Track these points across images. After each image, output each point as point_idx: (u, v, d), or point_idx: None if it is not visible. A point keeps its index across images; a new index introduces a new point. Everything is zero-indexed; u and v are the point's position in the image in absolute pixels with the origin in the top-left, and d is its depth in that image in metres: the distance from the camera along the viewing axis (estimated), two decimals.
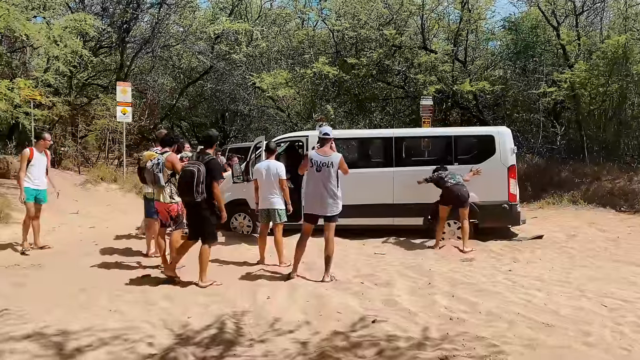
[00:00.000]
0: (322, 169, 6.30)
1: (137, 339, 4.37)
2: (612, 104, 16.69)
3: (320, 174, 6.30)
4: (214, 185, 6.20)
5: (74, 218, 10.98)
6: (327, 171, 6.29)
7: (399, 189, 9.37)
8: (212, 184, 6.17)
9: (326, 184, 6.29)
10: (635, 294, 5.78)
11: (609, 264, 7.37)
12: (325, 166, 6.30)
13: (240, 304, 5.44)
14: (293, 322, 4.82)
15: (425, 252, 8.39)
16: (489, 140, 9.33)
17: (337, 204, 6.38)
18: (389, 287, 6.16)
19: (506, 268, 7.12)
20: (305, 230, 6.55)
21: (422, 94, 15.39)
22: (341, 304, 5.37)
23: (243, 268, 7.19)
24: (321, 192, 6.30)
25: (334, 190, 6.31)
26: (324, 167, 6.30)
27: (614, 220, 11.20)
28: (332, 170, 6.30)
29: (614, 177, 13.62)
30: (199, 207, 6.18)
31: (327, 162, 6.31)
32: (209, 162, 6.24)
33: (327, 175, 6.29)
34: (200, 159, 6.36)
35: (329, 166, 6.30)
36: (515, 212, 9.14)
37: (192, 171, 6.04)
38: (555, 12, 17.04)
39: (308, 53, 18.17)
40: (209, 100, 22.66)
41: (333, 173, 6.31)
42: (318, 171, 6.31)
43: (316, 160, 6.35)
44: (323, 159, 6.33)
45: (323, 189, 6.29)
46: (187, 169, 6.15)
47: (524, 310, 5.15)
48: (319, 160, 6.33)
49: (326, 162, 6.32)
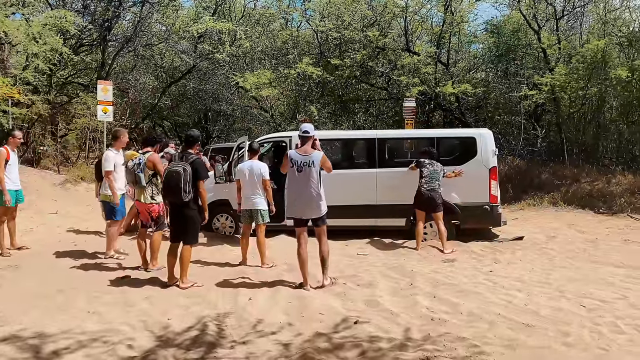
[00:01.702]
0: (303, 169, 6.04)
1: (116, 341, 4.31)
2: (592, 108, 16.98)
3: (302, 174, 6.04)
4: (200, 184, 6.15)
5: (53, 218, 10.81)
6: (308, 171, 6.02)
7: (381, 190, 9.40)
8: (198, 183, 6.12)
9: (308, 184, 6.02)
10: (612, 294, 5.87)
11: (588, 265, 7.48)
12: (306, 166, 6.04)
13: (222, 305, 5.39)
14: (275, 324, 4.79)
15: (408, 253, 8.42)
16: (470, 142, 9.41)
17: (322, 205, 6.13)
18: (372, 288, 6.17)
19: (487, 269, 7.18)
20: (299, 237, 6.20)
21: (405, 96, 15.45)
22: (323, 305, 5.36)
23: (225, 269, 7.13)
24: (304, 194, 6.06)
25: (317, 191, 6.05)
26: (305, 166, 6.03)
27: (592, 221, 11.38)
28: (313, 170, 6.03)
29: (592, 179, 13.85)
30: (186, 208, 6.10)
31: (308, 161, 6.02)
32: (194, 161, 6.16)
33: (308, 175, 6.02)
34: (184, 158, 6.25)
35: (310, 165, 6.03)
36: (497, 214, 9.23)
37: (178, 172, 5.94)
38: (537, 16, 17.26)
39: (292, 53, 18.13)
40: (191, 100, 22.47)
41: (314, 173, 6.04)
42: (299, 171, 6.05)
43: (296, 160, 6.09)
44: (303, 158, 6.07)
45: (305, 190, 6.04)
46: (173, 169, 6.03)
47: (504, 310, 5.19)
48: (300, 160, 6.07)
49: (307, 161, 6.02)
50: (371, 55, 16.94)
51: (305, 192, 6.04)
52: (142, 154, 6.80)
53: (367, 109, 19.23)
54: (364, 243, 9.18)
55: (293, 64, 17.08)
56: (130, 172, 6.72)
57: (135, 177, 6.71)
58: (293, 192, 6.17)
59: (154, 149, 6.99)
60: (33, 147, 16.52)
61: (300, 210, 6.15)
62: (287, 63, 17.91)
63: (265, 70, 17.04)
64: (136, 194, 6.87)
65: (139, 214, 6.99)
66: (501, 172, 15.10)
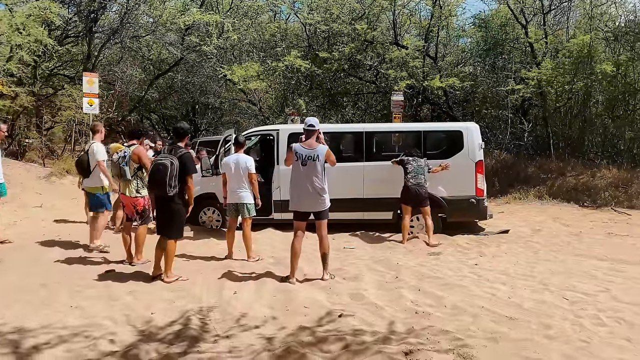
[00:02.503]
0: (308, 162, 5.98)
1: (98, 335, 4.26)
2: (578, 102, 17.12)
3: (306, 168, 5.98)
4: (188, 179, 6.06)
5: (38, 212, 10.68)
6: (313, 165, 5.97)
7: (369, 184, 9.42)
8: (186, 178, 6.04)
9: (312, 178, 5.97)
10: (595, 287, 5.93)
11: (572, 258, 7.54)
12: (310, 159, 5.97)
13: (206, 299, 5.36)
14: (259, 318, 4.77)
15: (394, 246, 8.44)
16: (457, 135, 9.45)
17: (325, 199, 6.10)
18: (357, 281, 6.18)
19: (472, 262, 7.22)
20: (297, 230, 6.15)
21: (393, 90, 15.46)
22: (308, 298, 5.35)
23: (210, 263, 7.09)
24: (307, 187, 6.00)
25: (321, 185, 6.02)
26: (310, 160, 5.97)
27: (577, 215, 11.49)
28: (318, 163, 5.98)
29: (578, 173, 13.99)
30: (171, 202, 6.01)
31: (313, 155, 5.96)
32: (182, 155, 6.04)
33: (313, 169, 5.97)
34: (172, 152, 6.14)
35: (314, 159, 5.97)
36: (483, 207, 9.28)
37: (165, 165, 5.86)
38: (524, 11, 17.31)
39: (280, 46, 18.04)
40: (179, 93, 22.29)
41: (319, 167, 5.99)
42: (303, 165, 5.99)
43: (301, 153, 6.02)
44: (308, 152, 6.00)
45: (309, 184, 5.98)
46: (160, 162, 5.94)
47: (488, 303, 5.22)
48: (304, 153, 6.01)
49: (312, 155, 5.96)
50: (359, 49, 16.90)
51: (309, 185, 6.00)
52: (128, 147, 6.74)
53: (356, 102, 19.22)
54: (351, 236, 9.18)
55: (281, 56, 17.00)
56: (116, 165, 6.65)
57: (120, 170, 6.65)
58: (297, 186, 6.11)
59: (139, 141, 6.92)
60: (18, 140, 16.31)
61: (303, 204, 6.10)
62: (275, 56, 17.82)
63: (253, 63, 16.93)
64: (121, 187, 6.80)
65: (124, 207, 6.93)
66: (488, 166, 15.18)
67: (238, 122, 22.25)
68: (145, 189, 6.72)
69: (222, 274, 6.40)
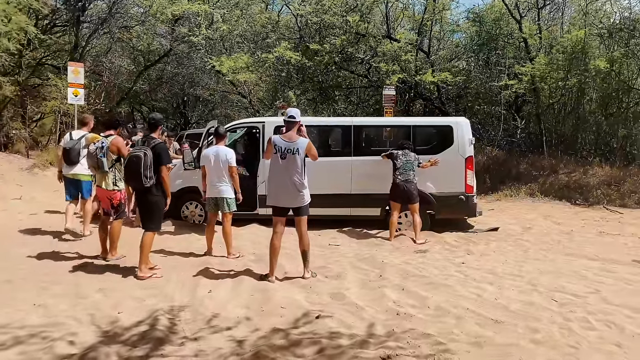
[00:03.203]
0: (287, 155, 5.68)
1: (57, 336, 4.00)
2: (572, 99, 16.93)
3: (285, 161, 5.69)
4: (163, 169, 5.91)
5: (16, 204, 10.37)
6: (293, 158, 5.68)
7: (357, 179, 9.18)
8: (161, 169, 5.89)
9: (291, 172, 5.68)
10: (585, 288, 5.72)
11: (562, 258, 7.34)
12: (290, 152, 5.68)
13: (179, 298, 5.11)
14: (232, 318, 4.52)
15: (381, 243, 8.22)
16: (447, 130, 9.22)
17: (305, 195, 5.81)
18: (340, 279, 5.94)
19: (459, 260, 7.00)
20: (276, 226, 5.86)
21: (385, 84, 15.20)
22: (286, 298, 5.11)
23: (189, 259, 6.83)
24: (286, 182, 5.71)
25: (300, 180, 5.72)
26: (289, 153, 5.68)
27: (568, 213, 11.31)
28: (297, 157, 5.68)
29: (570, 171, 13.81)
30: (148, 193, 5.89)
31: (293, 148, 5.66)
32: (156, 146, 5.93)
33: (292, 162, 5.68)
34: (146, 143, 6.04)
35: (294, 153, 5.65)
36: (472, 204, 9.07)
37: (138, 156, 5.75)
38: (518, 5, 17.08)
39: (271, 38, 17.72)
40: (168, 84, 21.91)
41: (299, 160, 5.69)
42: (283, 158, 5.70)
43: (280, 146, 5.73)
44: (288, 144, 5.71)
45: (288, 178, 5.70)
46: (133, 154, 5.84)
47: (473, 305, 5.00)
48: (284, 146, 5.71)
49: (291, 148, 5.66)
50: (351, 41, 16.61)
51: (288, 180, 5.71)
52: (105, 137, 6.45)
53: (348, 96, 18.95)
54: (337, 233, 8.95)
55: (272, 48, 16.69)
56: (92, 156, 6.36)
57: (97, 161, 6.36)
58: (275, 180, 5.83)
59: (116, 131, 6.64)
60: (6, 131, 15.97)
61: (281, 199, 5.82)
62: (266, 47, 17.51)
63: (242, 54, 16.60)
64: (97, 180, 6.52)
65: (100, 201, 6.67)
66: (479, 163, 15.03)
67: (228, 115, 21.92)
68: (121, 182, 6.47)
69: (199, 272, 6.14)
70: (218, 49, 18.76)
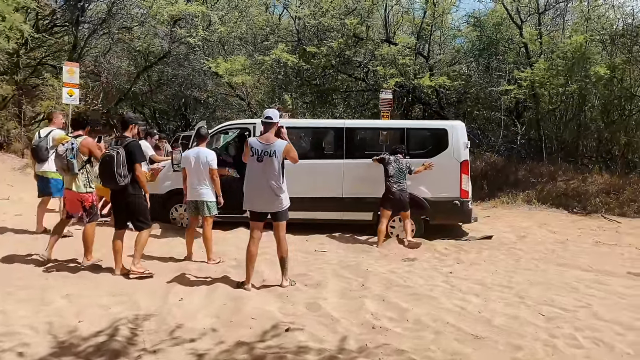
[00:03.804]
0: (264, 158, 5.44)
1: (7, 347, 3.78)
2: (573, 105, 16.66)
3: (262, 164, 5.45)
4: (137, 167, 5.87)
5: (3, 204, 10.18)
6: (270, 161, 5.43)
7: (348, 182, 8.95)
8: (134, 167, 5.86)
9: (268, 176, 5.44)
10: (575, 301, 5.47)
11: (554, 268, 7.08)
12: (267, 155, 5.43)
13: (147, 305, 4.88)
14: (198, 329, 4.30)
15: (370, 250, 7.98)
16: (441, 134, 8.99)
17: (283, 199, 5.57)
18: (319, 288, 5.71)
19: (447, 270, 6.76)
20: (253, 231, 5.65)
21: (382, 88, 14.98)
22: (259, 308, 4.87)
23: (167, 264, 6.61)
24: (262, 186, 5.47)
25: (276, 183, 5.47)
26: (266, 156, 5.43)
27: (565, 221, 11.04)
28: (275, 160, 5.42)
29: (569, 178, 13.52)
30: (125, 193, 5.87)
31: (269, 150, 5.41)
32: (128, 144, 5.89)
33: (269, 165, 5.44)
34: (119, 142, 5.97)
35: (271, 155, 5.40)
36: (467, 209, 8.83)
37: (111, 155, 5.74)
38: (519, 10, 16.84)
39: (269, 40, 17.53)
40: (166, 86, 21.75)
41: (276, 163, 5.44)
42: (259, 161, 5.46)
43: (257, 148, 5.49)
44: (264, 146, 5.46)
45: (264, 182, 5.45)
46: (106, 154, 5.85)
47: (455, 318, 4.75)
48: (260, 148, 5.47)
49: (268, 150, 5.41)
50: (349, 45, 16.39)
51: (265, 183, 5.47)
52: (74, 138, 6.24)
53: (346, 100, 18.73)
54: (326, 238, 8.71)
55: (269, 50, 16.50)
56: (61, 158, 6.13)
57: (67, 163, 6.14)
58: (252, 183, 5.59)
59: (84, 131, 6.43)
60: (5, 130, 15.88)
61: (258, 203, 5.60)
62: (264, 50, 17.32)
63: (239, 57, 16.42)
64: (66, 182, 6.31)
65: (65, 204, 6.46)
66: (477, 168, 14.78)
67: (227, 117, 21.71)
68: (92, 184, 6.29)
69: (174, 277, 5.92)
70: (216, 51, 18.61)
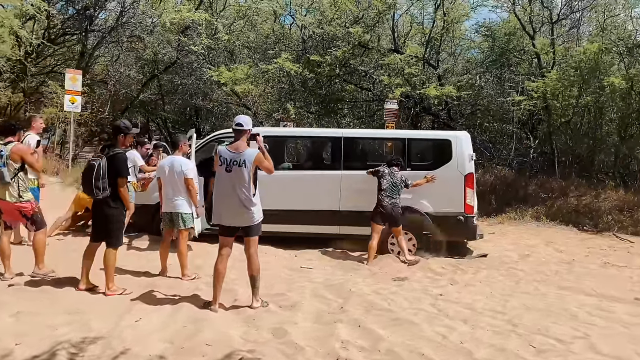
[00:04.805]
0: (233, 168, 5.06)
1: None
2: (589, 118, 16.04)
3: (231, 174, 5.06)
4: (119, 181, 5.49)
5: None
6: (239, 171, 5.04)
7: (346, 195, 8.52)
8: (118, 180, 5.49)
9: (236, 187, 5.04)
10: (573, 331, 4.96)
11: (555, 292, 6.53)
12: (236, 165, 5.04)
13: (99, 326, 4.50)
14: (143, 356, 3.90)
15: (359, 267, 7.53)
16: (445, 145, 8.51)
17: (254, 212, 5.16)
18: (293, 310, 5.29)
19: (438, 291, 6.27)
20: (222, 248, 5.27)
21: (388, 98, 14.57)
22: (218, 333, 4.46)
23: (139, 279, 6.24)
24: (231, 198, 5.09)
25: (246, 195, 5.06)
26: (235, 165, 5.05)
27: (574, 239, 10.43)
28: (244, 170, 5.01)
29: (581, 194, 12.89)
30: (104, 205, 5.53)
31: (239, 160, 5.02)
32: (113, 155, 5.51)
33: (238, 176, 5.04)
34: (104, 151, 5.61)
35: (240, 165, 5.01)
36: (472, 225, 8.31)
37: (91, 166, 5.40)
38: (532, 19, 16.34)
39: (274, 49, 17.25)
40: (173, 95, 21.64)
41: (245, 174, 5.03)
42: (228, 171, 5.07)
43: (225, 157, 5.11)
44: (233, 155, 5.05)
45: (233, 194, 5.06)
46: (90, 161, 5.52)
47: (433, 349, 4.29)
48: (229, 157, 5.07)
49: (237, 159, 5.03)
50: (354, 54, 16.03)
51: (234, 195, 5.08)
52: (4, 145, 5.92)
53: (352, 110, 18.34)
54: (317, 254, 8.29)
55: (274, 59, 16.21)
56: None
57: None
58: (220, 195, 5.21)
59: (15, 137, 6.10)
60: None
61: (226, 216, 5.19)
62: (269, 59, 17.03)
63: (242, 65, 16.16)
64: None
65: (1, 215, 6.16)
66: (486, 182, 14.23)
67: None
68: (27, 192, 5.96)
69: (141, 295, 5.55)
70: (223, 60, 18.40)
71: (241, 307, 5.31)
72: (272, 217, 8.52)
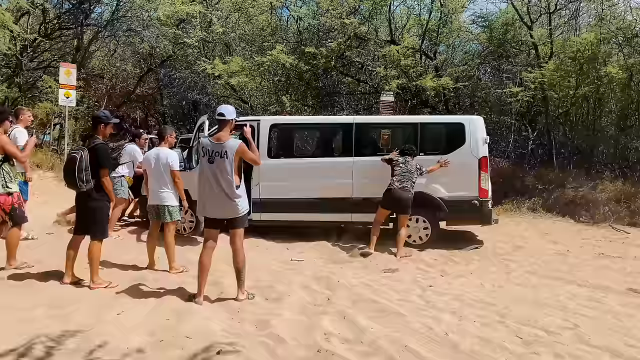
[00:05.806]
0: (215, 159, 4.98)
1: None
2: (588, 109, 15.90)
3: (213, 165, 4.98)
4: (101, 172, 5.41)
5: None
6: (221, 162, 4.94)
7: (358, 182, 8.43)
8: (100, 172, 5.41)
9: (219, 178, 4.95)
10: (561, 321, 4.90)
11: (547, 282, 6.47)
12: (217, 156, 4.95)
13: (80, 320, 4.44)
14: (121, 350, 3.84)
15: (351, 260, 7.46)
16: (458, 128, 8.37)
17: (238, 204, 5.06)
18: (278, 302, 5.23)
19: (428, 283, 6.21)
20: (207, 241, 5.21)
21: (384, 90, 14.44)
22: (199, 326, 4.39)
23: (126, 273, 6.18)
24: (214, 189, 5.01)
25: (229, 186, 4.98)
26: (217, 157, 4.97)
27: (570, 231, 10.35)
28: (226, 161, 4.93)
29: (578, 185, 12.77)
30: (86, 198, 5.47)
31: (220, 151, 4.94)
32: (95, 147, 5.42)
33: (220, 167, 4.96)
34: (86, 143, 5.54)
35: (222, 156, 4.93)
36: (487, 210, 8.20)
37: (73, 157, 5.34)
38: (529, 9, 16.18)
39: (269, 41, 17.11)
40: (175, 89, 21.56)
41: (228, 165, 4.94)
42: (210, 162, 5.00)
43: (207, 148, 5.02)
44: (215, 146, 4.98)
45: (216, 185, 4.98)
46: (70, 153, 5.47)
47: (417, 341, 4.23)
48: (211, 148, 4.99)
49: (219, 150, 4.95)
50: (350, 45, 15.90)
51: (217, 186, 5.00)
52: None
53: (349, 102, 18.21)
54: (309, 246, 8.22)
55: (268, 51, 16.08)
56: None
57: None
58: (203, 187, 5.13)
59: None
60: None
61: (211, 209, 5.13)
62: (264, 51, 16.91)
63: (236, 58, 16.03)
64: None
65: None
66: None
67: None
68: (13, 183, 5.90)
69: (126, 288, 5.48)
70: (218, 52, 18.27)
71: (226, 299, 5.25)
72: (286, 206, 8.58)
